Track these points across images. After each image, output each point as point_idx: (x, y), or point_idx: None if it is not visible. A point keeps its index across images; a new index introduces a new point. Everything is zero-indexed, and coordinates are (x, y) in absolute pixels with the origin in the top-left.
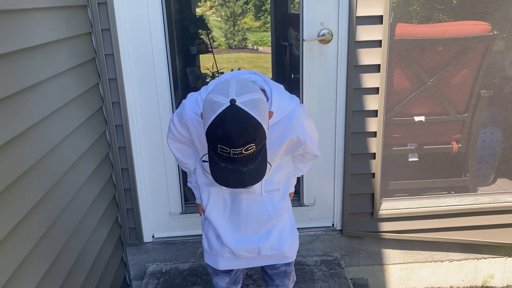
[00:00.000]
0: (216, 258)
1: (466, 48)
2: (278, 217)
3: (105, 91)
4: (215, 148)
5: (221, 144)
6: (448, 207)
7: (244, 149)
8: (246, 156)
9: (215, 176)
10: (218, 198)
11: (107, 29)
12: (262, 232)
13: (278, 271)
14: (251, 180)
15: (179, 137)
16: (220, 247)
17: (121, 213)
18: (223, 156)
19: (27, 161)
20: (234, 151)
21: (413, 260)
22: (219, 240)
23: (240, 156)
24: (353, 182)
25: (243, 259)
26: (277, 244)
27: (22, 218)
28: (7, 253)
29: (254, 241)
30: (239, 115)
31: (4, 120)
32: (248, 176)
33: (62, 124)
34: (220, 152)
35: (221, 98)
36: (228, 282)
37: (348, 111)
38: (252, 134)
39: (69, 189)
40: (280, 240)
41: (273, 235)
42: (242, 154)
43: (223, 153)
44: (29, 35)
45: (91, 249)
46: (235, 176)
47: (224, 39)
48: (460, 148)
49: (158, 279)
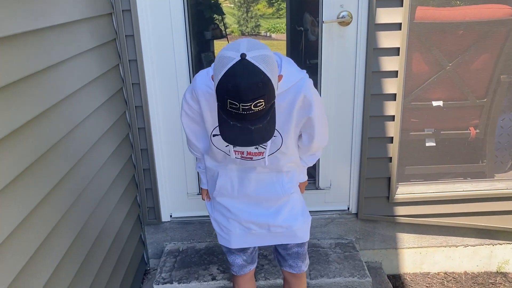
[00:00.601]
0: (228, 238)
1: (488, 32)
2: (287, 196)
3: (125, 72)
4: (225, 104)
5: (231, 99)
6: (464, 192)
7: (253, 104)
8: (255, 114)
9: (224, 135)
10: (226, 179)
11: (128, 10)
12: (271, 210)
13: (290, 252)
14: (259, 139)
15: (191, 114)
16: (229, 223)
17: (140, 193)
18: (232, 113)
19: (52, 137)
20: (244, 106)
21: (428, 245)
22: (227, 217)
23: (249, 112)
24: (370, 166)
25: (254, 236)
26: (287, 222)
27: (47, 194)
28: (32, 229)
29: (263, 216)
30: (248, 69)
31: (33, 96)
32: (256, 135)
33: (85, 102)
34: (229, 108)
35: (232, 53)
36: (245, 261)
37: (366, 94)
38: (261, 89)
39: (91, 167)
40: (290, 218)
41: (283, 213)
42: (251, 110)
43: (232, 110)
44: (55, 13)
45: (111, 227)
46: (243, 134)
47: (237, 26)
48: (478, 134)
49: (175, 258)
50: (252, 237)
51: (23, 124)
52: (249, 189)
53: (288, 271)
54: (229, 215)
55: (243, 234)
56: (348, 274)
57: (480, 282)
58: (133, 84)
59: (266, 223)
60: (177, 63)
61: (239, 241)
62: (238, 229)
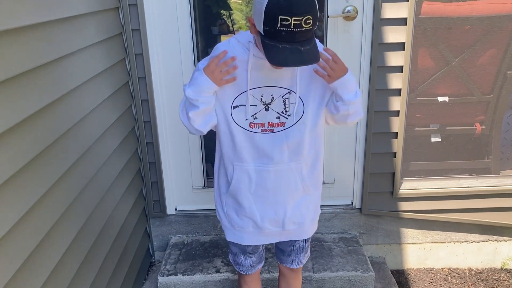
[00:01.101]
0: (240, 234)
1: (494, 27)
2: (306, 189)
3: (131, 66)
4: (275, 23)
5: (283, 14)
6: (469, 189)
7: (304, 20)
8: (304, 33)
9: (273, 59)
10: (242, 173)
11: (134, 4)
12: (288, 205)
13: (295, 247)
14: (309, 59)
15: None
16: (242, 221)
17: (146, 186)
18: (282, 33)
19: (58, 129)
20: (296, 21)
21: (432, 240)
22: (240, 215)
23: (299, 30)
24: (374, 161)
25: (265, 234)
26: (300, 219)
27: (52, 185)
28: (37, 220)
29: (280, 213)
30: None
31: (40, 88)
32: (306, 55)
33: (91, 95)
34: (280, 28)
35: None
36: (254, 262)
37: (371, 89)
38: (310, 4)
39: (96, 159)
40: (304, 215)
41: (299, 209)
42: (301, 28)
43: (283, 29)
44: (62, 7)
45: (117, 219)
46: (294, 55)
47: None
48: (484, 130)
49: (180, 250)
50: (264, 236)
51: (30, 115)
52: (268, 182)
53: (289, 266)
54: (243, 213)
55: (256, 232)
56: (351, 268)
57: (484, 278)
58: (139, 78)
59: (281, 221)
60: (182, 57)
61: (251, 238)
62: (251, 227)
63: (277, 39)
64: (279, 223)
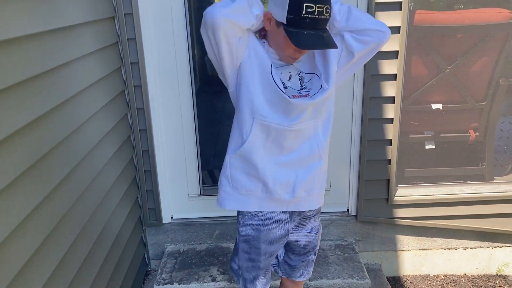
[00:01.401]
0: (245, 199)
1: (486, 36)
2: (320, 154)
3: (127, 75)
4: (300, 10)
5: (308, 1)
6: (464, 195)
7: (325, 9)
8: (324, 20)
9: (300, 44)
10: (261, 128)
11: (130, 13)
12: (300, 168)
13: (306, 260)
14: (331, 43)
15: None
16: (251, 183)
17: (141, 194)
18: (307, 19)
19: (54, 137)
20: (319, 8)
21: (427, 247)
22: (250, 176)
23: (321, 17)
24: (369, 168)
25: (274, 201)
26: (311, 185)
27: (48, 194)
28: (32, 229)
29: (291, 175)
30: None
31: (36, 97)
32: (328, 40)
33: (87, 104)
34: (304, 15)
35: None
36: (264, 285)
37: (365, 97)
38: None
39: (92, 168)
40: (314, 182)
41: (311, 174)
42: (323, 16)
43: (307, 16)
44: (60, 16)
45: (112, 228)
46: (319, 40)
47: None
48: (477, 137)
49: (176, 259)
50: (272, 202)
51: (26, 124)
52: (286, 139)
53: (299, 280)
54: (254, 172)
55: (264, 198)
56: (347, 276)
57: (479, 284)
58: (135, 86)
59: (292, 185)
60: (178, 65)
61: (258, 204)
62: (260, 191)
63: (301, 26)
64: (289, 187)
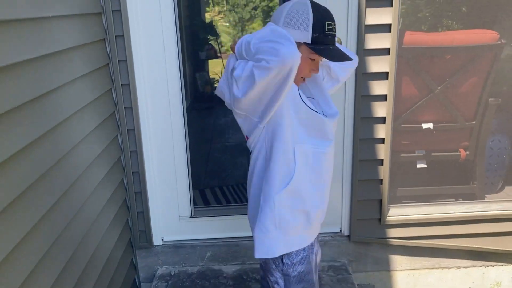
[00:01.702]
0: (292, 239)
1: (475, 57)
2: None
3: (118, 96)
4: (324, 28)
5: (328, 20)
6: (455, 214)
7: (334, 26)
8: (335, 37)
9: (333, 57)
10: (302, 155)
11: (121, 35)
12: (328, 192)
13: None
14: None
15: None
16: (295, 218)
17: (132, 216)
18: (329, 36)
19: (45, 163)
20: (334, 25)
21: (420, 267)
22: (294, 211)
23: (335, 33)
24: (361, 188)
25: (311, 231)
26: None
27: (39, 219)
28: (22, 256)
29: (325, 200)
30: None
31: (27, 123)
32: (346, 52)
33: (77, 128)
34: (327, 32)
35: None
36: None
37: (356, 117)
38: None
39: (82, 192)
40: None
41: (328, 197)
42: (335, 31)
43: (330, 33)
44: (50, 42)
45: (102, 252)
46: (342, 52)
47: None
48: (468, 156)
49: (167, 282)
50: (311, 233)
51: (18, 151)
52: (322, 165)
53: None
54: (300, 205)
55: (305, 229)
56: None
57: None
58: (126, 108)
59: (324, 211)
60: (169, 87)
61: (303, 240)
62: (302, 223)
63: (325, 43)
64: (324, 213)
